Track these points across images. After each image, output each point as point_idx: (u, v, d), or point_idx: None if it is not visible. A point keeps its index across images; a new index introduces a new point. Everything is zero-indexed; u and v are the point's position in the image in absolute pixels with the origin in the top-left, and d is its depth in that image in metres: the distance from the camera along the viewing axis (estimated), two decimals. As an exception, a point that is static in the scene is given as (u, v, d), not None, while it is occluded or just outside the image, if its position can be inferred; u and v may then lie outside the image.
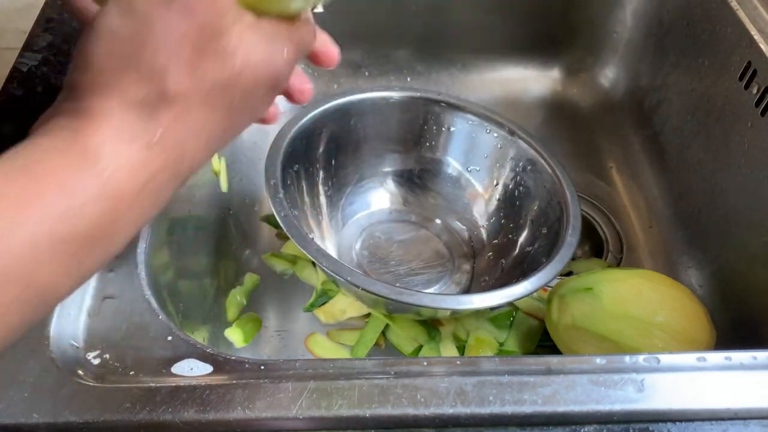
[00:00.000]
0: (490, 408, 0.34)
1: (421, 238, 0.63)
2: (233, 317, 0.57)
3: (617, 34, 0.77)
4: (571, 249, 0.51)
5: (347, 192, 0.63)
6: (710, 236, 0.61)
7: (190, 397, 0.34)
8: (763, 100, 0.54)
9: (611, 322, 0.48)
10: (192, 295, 0.52)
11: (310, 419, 0.34)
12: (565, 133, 0.77)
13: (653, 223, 0.68)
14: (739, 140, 0.57)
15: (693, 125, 0.65)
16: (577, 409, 0.35)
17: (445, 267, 0.61)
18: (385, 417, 0.34)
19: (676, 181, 0.67)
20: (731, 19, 0.58)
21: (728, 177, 0.58)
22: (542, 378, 0.36)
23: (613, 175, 0.73)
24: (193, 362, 0.36)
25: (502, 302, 0.47)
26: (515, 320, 0.57)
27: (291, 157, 0.55)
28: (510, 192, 0.62)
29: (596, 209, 0.69)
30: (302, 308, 0.58)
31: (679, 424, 0.35)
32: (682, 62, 0.67)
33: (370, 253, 0.61)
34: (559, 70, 0.81)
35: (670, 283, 0.51)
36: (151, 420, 0.33)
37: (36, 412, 0.33)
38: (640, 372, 0.36)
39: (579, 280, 0.52)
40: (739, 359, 0.37)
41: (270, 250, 0.62)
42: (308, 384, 0.35)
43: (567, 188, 0.56)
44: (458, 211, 0.65)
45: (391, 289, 0.46)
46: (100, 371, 0.36)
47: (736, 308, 0.56)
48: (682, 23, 0.67)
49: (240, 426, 0.34)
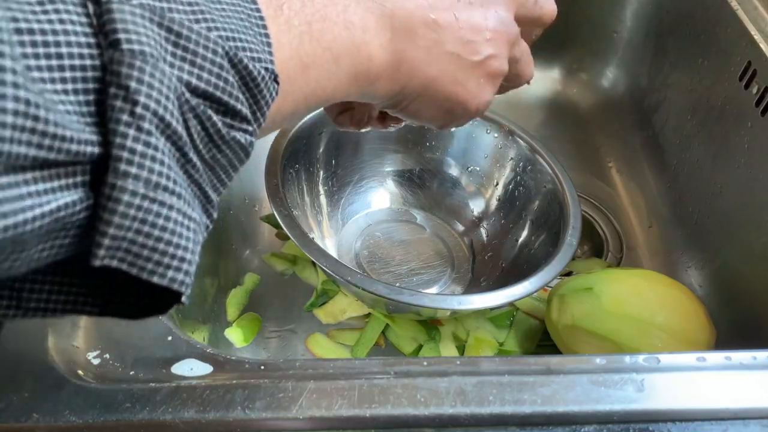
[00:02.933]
0: (490, 408, 0.35)
1: (421, 238, 0.63)
2: (233, 317, 0.57)
3: (617, 34, 0.77)
4: (571, 249, 0.51)
5: (347, 192, 0.63)
6: (710, 236, 0.61)
7: (190, 397, 0.34)
8: (763, 100, 0.54)
9: (611, 322, 0.48)
10: (192, 295, 0.52)
11: (310, 419, 0.34)
12: (565, 133, 0.77)
13: (653, 223, 0.68)
14: (739, 140, 0.57)
15: (693, 125, 0.65)
16: (577, 409, 0.35)
17: (445, 267, 0.61)
18: (385, 417, 0.34)
19: (676, 181, 0.67)
20: (731, 19, 0.58)
21: (728, 177, 0.58)
22: (542, 378, 0.36)
23: (613, 175, 0.73)
24: (193, 362, 0.36)
25: (502, 302, 0.47)
26: (515, 320, 0.57)
27: (291, 157, 0.55)
28: (510, 192, 0.62)
29: (596, 209, 0.69)
30: (302, 308, 0.58)
31: (679, 424, 0.35)
32: (682, 62, 0.67)
33: (370, 253, 0.61)
34: (559, 70, 0.81)
35: (669, 282, 0.51)
36: (151, 420, 0.33)
37: (36, 412, 0.33)
38: (640, 372, 0.36)
39: (579, 280, 0.52)
40: (739, 359, 0.37)
41: (270, 250, 0.62)
42: (308, 384, 0.35)
43: (567, 188, 0.56)
44: (458, 211, 0.65)
45: (391, 289, 0.46)
46: (100, 371, 0.36)
47: (736, 308, 0.56)
48: (682, 23, 0.67)
49: (240, 426, 0.34)
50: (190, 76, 0.21)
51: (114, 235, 0.19)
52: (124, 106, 0.18)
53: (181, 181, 0.21)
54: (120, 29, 0.19)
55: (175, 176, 0.20)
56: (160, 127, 0.19)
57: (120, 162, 0.18)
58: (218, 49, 0.21)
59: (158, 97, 0.19)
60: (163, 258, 0.20)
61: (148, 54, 0.19)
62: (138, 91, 0.19)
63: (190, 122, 0.21)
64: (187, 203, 0.21)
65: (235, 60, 0.22)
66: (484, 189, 0.64)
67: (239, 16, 0.23)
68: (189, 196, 0.21)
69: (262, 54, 0.23)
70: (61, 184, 0.18)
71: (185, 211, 0.20)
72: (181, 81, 0.20)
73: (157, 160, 0.19)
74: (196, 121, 0.21)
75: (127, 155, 0.18)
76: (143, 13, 0.19)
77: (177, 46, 0.20)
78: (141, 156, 0.19)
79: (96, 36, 0.19)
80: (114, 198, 0.18)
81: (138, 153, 0.19)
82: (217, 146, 0.22)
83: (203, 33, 0.21)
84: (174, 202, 0.20)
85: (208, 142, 0.22)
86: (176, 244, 0.20)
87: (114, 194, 0.18)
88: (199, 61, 0.21)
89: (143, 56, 0.19)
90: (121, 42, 0.19)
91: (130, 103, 0.18)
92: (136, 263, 0.19)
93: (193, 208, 0.21)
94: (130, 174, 0.18)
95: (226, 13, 0.23)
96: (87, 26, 0.19)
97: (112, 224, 0.18)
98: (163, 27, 0.20)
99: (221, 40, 0.22)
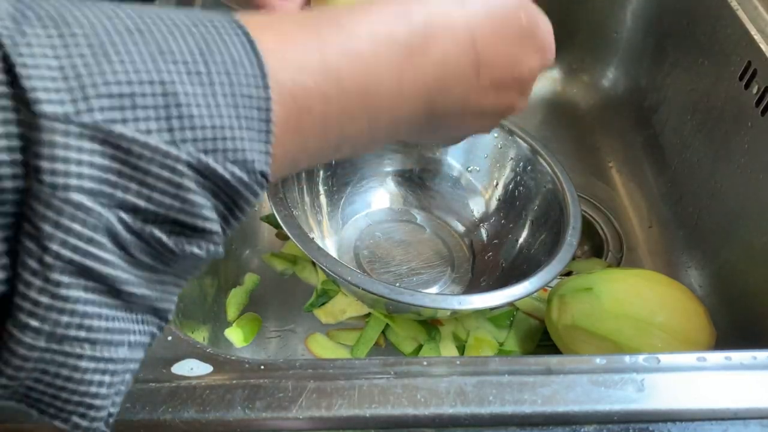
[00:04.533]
0: (490, 408, 0.34)
1: (421, 238, 0.63)
2: (233, 317, 0.57)
3: (617, 34, 0.77)
4: (571, 249, 0.51)
5: (347, 192, 0.63)
6: (710, 236, 0.61)
7: (190, 397, 0.34)
8: (763, 100, 0.54)
9: (611, 322, 0.48)
10: (192, 295, 0.52)
11: (310, 419, 0.34)
12: (565, 133, 0.77)
13: (653, 223, 0.68)
14: (739, 140, 0.57)
15: (693, 125, 0.65)
16: (577, 409, 0.35)
17: (445, 267, 0.61)
18: (385, 417, 0.34)
19: (676, 181, 0.67)
20: (731, 19, 0.58)
21: (728, 177, 0.58)
22: (542, 378, 0.36)
23: (613, 175, 0.73)
24: (193, 362, 0.36)
25: (502, 302, 0.47)
26: (515, 320, 0.57)
27: (291, 157, 0.55)
28: (510, 192, 0.62)
29: (596, 209, 0.69)
30: (302, 308, 0.58)
31: (679, 424, 0.35)
32: (682, 62, 0.67)
33: (370, 253, 0.61)
34: (559, 70, 0.81)
35: (669, 282, 0.51)
36: (151, 420, 0.33)
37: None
38: (640, 372, 0.36)
39: (579, 280, 0.52)
40: (739, 359, 0.37)
41: (270, 250, 0.62)
42: (308, 384, 0.35)
43: (567, 188, 0.56)
44: (458, 211, 0.65)
45: (391, 289, 0.46)
46: (100, 371, 0.36)
47: (736, 308, 0.56)
48: (682, 23, 0.67)
49: (240, 426, 0.34)
50: (137, 198, 0.18)
51: (11, 375, 0.18)
52: (34, 249, 0.17)
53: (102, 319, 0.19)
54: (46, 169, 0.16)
55: (92, 319, 0.18)
56: (74, 273, 0.17)
57: (21, 312, 0.17)
58: (178, 166, 0.18)
59: (76, 243, 0.17)
60: (66, 405, 0.19)
61: (73, 188, 0.17)
62: (51, 237, 0.17)
63: (132, 246, 0.19)
64: (107, 344, 0.19)
65: (207, 172, 0.19)
66: (484, 189, 0.64)
67: (238, 101, 0.20)
68: (115, 331, 0.19)
69: (249, 153, 0.20)
70: None
71: (101, 356, 0.19)
72: (123, 206, 0.18)
73: (66, 311, 0.17)
74: (141, 242, 0.19)
75: (29, 307, 0.17)
76: (81, 131, 0.17)
77: (126, 164, 0.18)
78: (46, 309, 0.17)
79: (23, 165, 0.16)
80: (10, 349, 0.17)
81: (43, 306, 0.17)
82: (166, 263, 0.20)
83: (161, 148, 0.18)
84: (85, 350, 0.18)
85: (156, 259, 0.20)
86: (83, 392, 0.19)
87: (10, 345, 0.17)
88: (151, 180, 0.18)
89: (65, 192, 0.16)
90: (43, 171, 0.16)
91: (40, 249, 0.17)
92: (36, 405, 0.19)
93: (117, 345, 0.19)
94: (30, 327, 0.17)
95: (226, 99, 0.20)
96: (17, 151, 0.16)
97: (10, 366, 0.18)
98: (107, 144, 0.17)
99: (194, 149, 0.19)
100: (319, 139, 0.23)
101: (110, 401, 0.20)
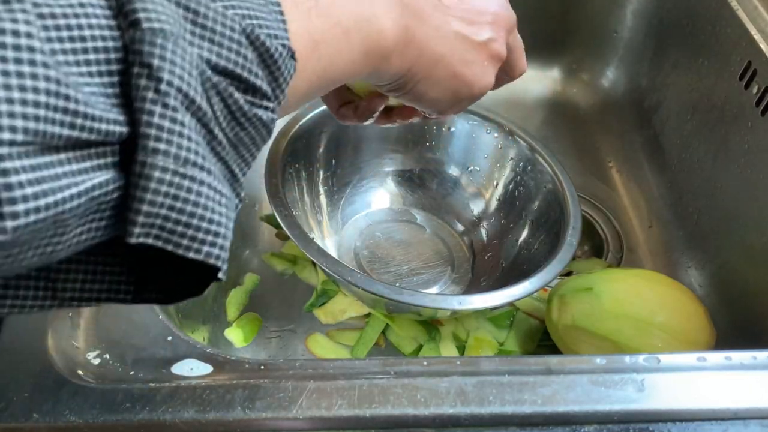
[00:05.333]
0: (490, 408, 0.35)
1: (421, 238, 0.63)
2: (233, 317, 0.57)
3: (617, 34, 0.77)
4: (571, 249, 0.51)
5: (347, 192, 0.63)
6: (710, 236, 0.61)
7: (190, 397, 0.34)
8: (763, 100, 0.54)
9: (611, 322, 0.48)
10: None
11: (310, 419, 0.34)
12: (565, 133, 0.77)
13: (653, 223, 0.68)
14: (739, 140, 0.57)
15: (693, 125, 0.65)
16: (577, 409, 0.35)
17: (445, 267, 0.61)
18: (385, 417, 0.34)
19: (676, 181, 0.67)
20: (731, 19, 0.58)
21: (728, 177, 0.58)
22: (542, 378, 0.36)
23: (613, 175, 0.73)
24: (193, 362, 0.36)
25: (502, 302, 0.47)
26: (515, 320, 0.57)
27: (291, 157, 0.55)
28: (510, 192, 0.62)
29: (596, 209, 0.69)
30: (302, 308, 0.58)
31: (679, 424, 0.35)
32: (682, 62, 0.67)
33: (370, 253, 0.61)
34: (559, 70, 0.81)
35: (669, 282, 0.51)
36: (151, 420, 0.33)
37: (36, 412, 0.33)
38: (640, 372, 0.36)
39: (579, 280, 0.52)
40: (739, 359, 0.37)
41: (270, 250, 0.62)
42: (308, 384, 0.35)
43: (567, 188, 0.56)
44: (458, 211, 0.65)
45: (391, 289, 0.46)
46: (100, 371, 0.36)
47: (736, 308, 0.56)
48: (682, 23, 0.67)
49: (240, 426, 0.34)
50: (210, 54, 0.20)
51: (148, 212, 0.19)
52: (148, 83, 0.18)
53: (209, 157, 0.20)
54: (139, 9, 0.19)
55: (204, 152, 0.20)
56: (185, 103, 0.19)
57: (148, 139, 0.18)
58: (236, 27, 0.21)
59: (181, 74, 0.19)
60: (197, 233, 0.20)
61: (168, 32, 0.19)
62: (161, 68, 0.19)
63: (213, 100, 0.21)
64: (218, 179, 0.21)
65: (252, 37, 0.22)
66: (484, 189, 0.64)
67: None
68: (218, 173, 0.21)
69: (278, 31, 0.23)
70: (93, 165, 0.18)
71: (216, 186, 0.20)
72: (201, 59, 0.20)
73: (185, 136, 0.19)
74: (218, 98, 0.21)
75: (155, 132, 0.18)
76: None
77: (195, 24, 0.20)
78: (169, 132, 0.19)
79: (116, 18, 0.19)
80: (145, 175, 0.18)
81: (166, 129, 0.19)
82: (240, 124, 0.22)
83: (220, 11, 0.21)
84: (204, 177, 0.20)
85: (231, 120, 0.22)
86: (210, 219, 0.20)
87: (145, 171, 0.18)
88: (218, 38, 0.21)
89: (164, 34, 0.19)
90: (141, 21, 0.18)
91: (154, 80, 0.18)
92: (171, 239, 0.19)
93: (222, 184, 0.21)
94: (160, 150, 0.18)
95: None
96: (106, 8, 0.19)
97: (144, 201, 0.18)
98: (180, 5, 0.20)
99: (238, 17, 0.21)
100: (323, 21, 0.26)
101: (228, 234, 0.21)
